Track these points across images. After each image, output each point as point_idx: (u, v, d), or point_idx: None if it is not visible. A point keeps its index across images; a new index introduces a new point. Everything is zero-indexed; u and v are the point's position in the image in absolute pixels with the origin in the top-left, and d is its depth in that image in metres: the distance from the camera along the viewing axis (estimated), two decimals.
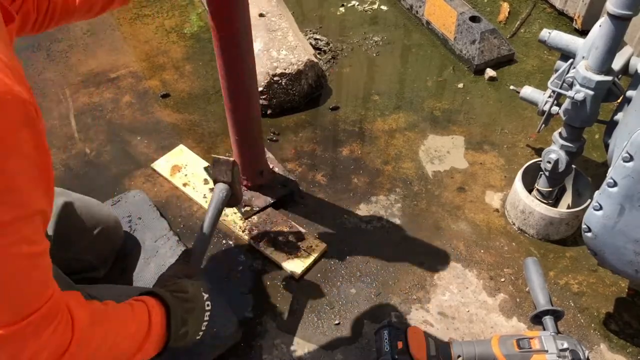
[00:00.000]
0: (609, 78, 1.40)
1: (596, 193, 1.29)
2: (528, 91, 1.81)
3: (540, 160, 1.69)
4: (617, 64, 1.41)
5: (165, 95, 2.21)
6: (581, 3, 2.41)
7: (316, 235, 1.73)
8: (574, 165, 1.70)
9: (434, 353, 1.34)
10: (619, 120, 1.44)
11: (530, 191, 1.75)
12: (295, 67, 2.08)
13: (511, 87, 1.99)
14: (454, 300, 1.61)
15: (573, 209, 1.70)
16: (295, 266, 1.64)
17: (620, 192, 1.23)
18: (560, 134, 1.61)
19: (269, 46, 2.13)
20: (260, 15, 2.25)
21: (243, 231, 1.72)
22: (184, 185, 1.85)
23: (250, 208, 1.73)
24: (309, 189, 1.88)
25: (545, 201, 1.72)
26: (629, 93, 1.40)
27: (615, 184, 1.23)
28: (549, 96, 1.66)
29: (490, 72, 2.30)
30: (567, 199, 1.80)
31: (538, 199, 1.72)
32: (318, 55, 2.34)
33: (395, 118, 2.15)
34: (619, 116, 1.45)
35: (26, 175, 0.72)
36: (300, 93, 2.13)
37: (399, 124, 2.12)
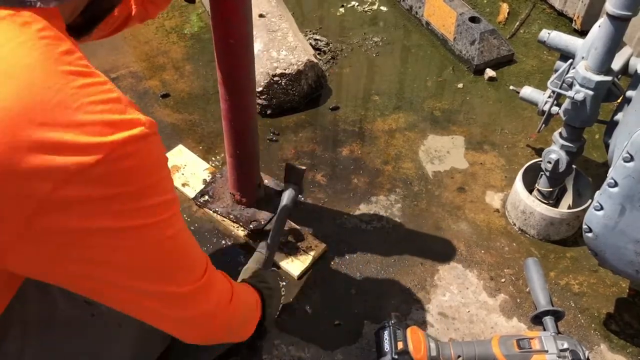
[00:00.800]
0: (609, 78, 1.40)
1: (597, 193, 1.29)
2: (528, 91, 1.81)
3: (541, 161, 1.69)
4: (617, 64, 1.41)
5: (165, 95, 2.21)
6: (580, 4, 2.41)
7: (316, 235, 1.73)
8: (574, 166, 1.70)
9: (434, 353, 1.34)
10: (619, 120, 1.44)
11: (530, 191, 1.75)
12: (295, 68, 2.08)
13: (511, 87, 1.99)
14: (454, 300, 1.61)
15: (574, 209, 1.71)
16: (294, 266, 1.64)
17: (621, 192, 1.23)
18: (560, 134, 1.61)
19: (268, 46, 2.13)
20: (260, 15, 2.25)
21: (242, 231, 1.72)
22: (183, 185, 1.85)
23: (258, 222, 1.72)
24: (308, 189, 1.88)
25: (545, 201, 1.72)
26: (629, 93, 1.40)
27: (615, 184, 1.23)
28: (549, 96, 1.66)
29: (490, 73, 2.30)
30: (568, 199, 1.80)
31: (539, 199, 1.72)
32: (318, 56, 2.34)
33: (395, 118, 2.15)
34: (619, 116, 1.45)
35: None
36: (300, 93, 2.13)
37: (398, 124, 2.12)
